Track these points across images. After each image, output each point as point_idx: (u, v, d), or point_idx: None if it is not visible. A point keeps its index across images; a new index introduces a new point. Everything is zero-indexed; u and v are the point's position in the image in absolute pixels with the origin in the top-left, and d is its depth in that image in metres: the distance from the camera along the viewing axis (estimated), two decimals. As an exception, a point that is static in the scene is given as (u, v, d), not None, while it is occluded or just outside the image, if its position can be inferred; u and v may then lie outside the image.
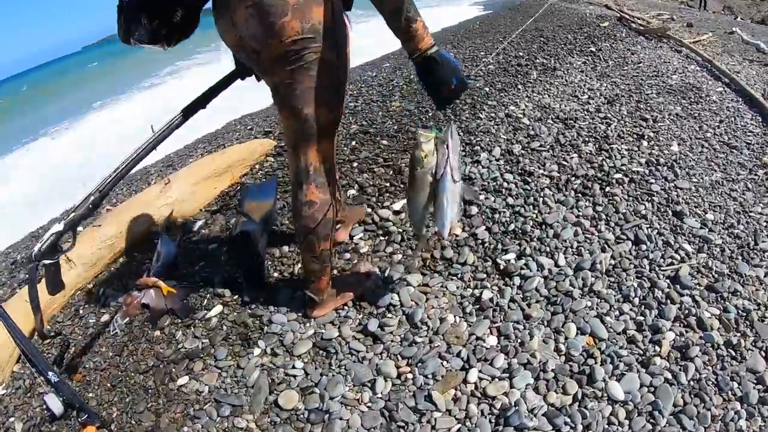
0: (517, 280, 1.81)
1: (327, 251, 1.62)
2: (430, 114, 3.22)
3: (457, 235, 2.04)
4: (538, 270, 1.84)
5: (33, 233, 3.72)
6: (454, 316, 1.70)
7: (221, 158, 3.07)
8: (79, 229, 3.17)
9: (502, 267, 1.87)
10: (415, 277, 1.84)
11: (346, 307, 1.78)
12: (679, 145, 2.74)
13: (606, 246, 1.96)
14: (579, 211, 2.16)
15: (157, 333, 1.86)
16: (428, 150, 1.36)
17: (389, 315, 1.72)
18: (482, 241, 2.00)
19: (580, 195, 2.28)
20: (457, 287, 1.81)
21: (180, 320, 1.89)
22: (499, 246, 1.97)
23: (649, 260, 1.89)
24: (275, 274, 2.03)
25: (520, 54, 4.56)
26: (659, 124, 2.99)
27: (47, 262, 1.47)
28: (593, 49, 4.62)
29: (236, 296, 1.95)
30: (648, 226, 2.06)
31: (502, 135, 2.86)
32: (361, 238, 2.11)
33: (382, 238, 2.09)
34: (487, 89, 3.64)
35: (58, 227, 1.47)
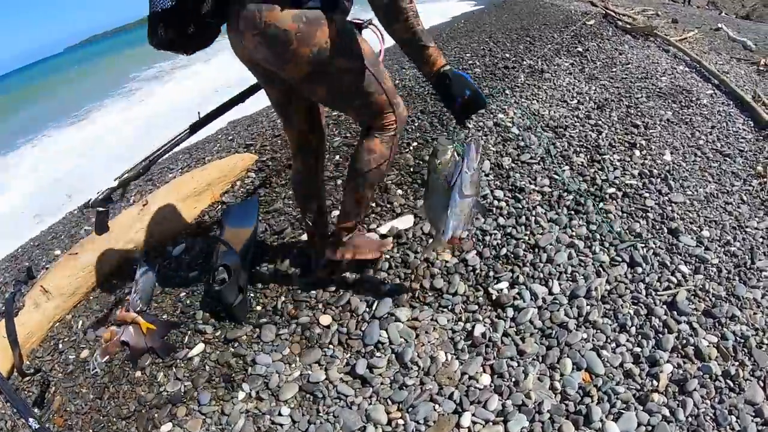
0: (510, 312, 1.74)
1: (368, 198, 1.76)
2: (416, 124, 3.13)
3: (447, 261, 1.96)
4: (531, 299, 1.78)
5: (12, 254, 3.60)
6: (446, 354, 1.63)
7: (201, 175, 2.98)
8: (57, 252, 3.12)
9: (494, 297, 1.80)
10: (403, 311, 1.76)
11: (332, 346, 1.71)
12: (671, 154, 2.69)
13: (601, 269, 1.90)
14: (572, 230, 2.10)
15: (138, 374, 1.79)
16: (443, 159, 1.42)
17: (378, 354, 1.65)
18: (473, 268, 1.93)
19: (573, 213, 2.21)
20: (448, 320, 1.74)
21: (161, 360, 1.81)
22: (491, 273, 1.90)
23: (645, 284, 1.83)
24: (258, 308, 1.95)
25: (507, 56, 4.48)
26: (651, 131, 2.94)
27: (100, 209, 1.79)
28: (580, 50, 4.55)
29: (218, 332, 1.87)
30: (643, 245, 2.00)
31: (491, 147, 2.79)
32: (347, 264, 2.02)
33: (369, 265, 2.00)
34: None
35: (113, 184, 1.80)
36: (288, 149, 3.32)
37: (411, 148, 2.81)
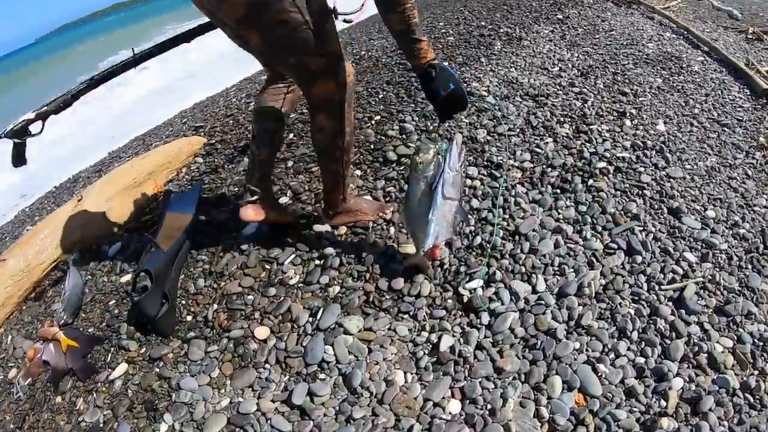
0: (485, 318, 1.42)
1: (342, 171, 1.67)
2: (381, 96, 2.78)
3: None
4: (511, 301, 1.46)
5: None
6: (405, 374, 1.30)
7: (141, 164, 2.64)
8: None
9: (466, 299, 1.47)
10: (354, 320, 1.42)
11: (268, 366, 1.38)
12: (665, 123, 2.39)
13: (594, 260, 1.59)
14: (558, 213, 1.79)
15: (59, 399, 1.51)
16: (425, 158, 1.36)
17: (321, 376, 1.32)
18: (440, 262, 1.60)
19: (558, 191, 1.90)
20: (409, 330, 1.41)
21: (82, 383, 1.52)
22: (462, 269, 1.57)
23: (647, 276, 1.54)
24: (188, 318, 1.61)
25: (483, 23, 4.13)
26: (640, 99, 2.63)
27: (16, 141, 1.68)
28: (560, 17, 4.22)
29: (143, 349, 1.55)
30: (641, 228, 1.70)
31: (463, 118, 2.46)
32: (291, 263, 1.69)
33: (317, 262, 1.66)
34: (445, 64, 3.21)
35: (30, 115, 1.70)
36: (240, 129, 2.98)
37: (373, 122, 2.46)
